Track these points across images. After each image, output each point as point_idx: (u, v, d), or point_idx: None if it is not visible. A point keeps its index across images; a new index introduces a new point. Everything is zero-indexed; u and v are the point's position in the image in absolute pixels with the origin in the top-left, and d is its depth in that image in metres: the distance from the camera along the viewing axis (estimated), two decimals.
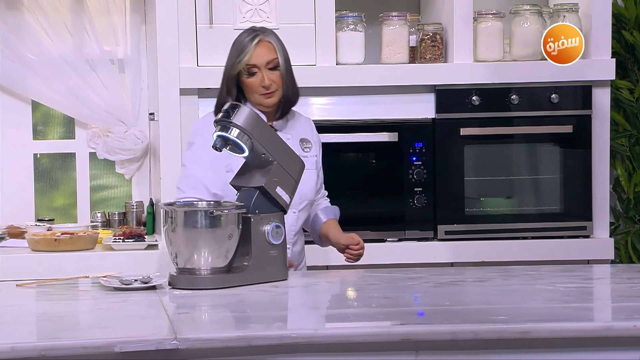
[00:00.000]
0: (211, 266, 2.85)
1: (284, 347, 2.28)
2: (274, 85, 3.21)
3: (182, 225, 2.85)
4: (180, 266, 2.87)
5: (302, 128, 3.35)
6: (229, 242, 2.86)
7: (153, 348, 2.21)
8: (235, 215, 2.87)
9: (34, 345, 2.18)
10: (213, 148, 3.01)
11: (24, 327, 2.43)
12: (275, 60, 3.22)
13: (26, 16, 4.17)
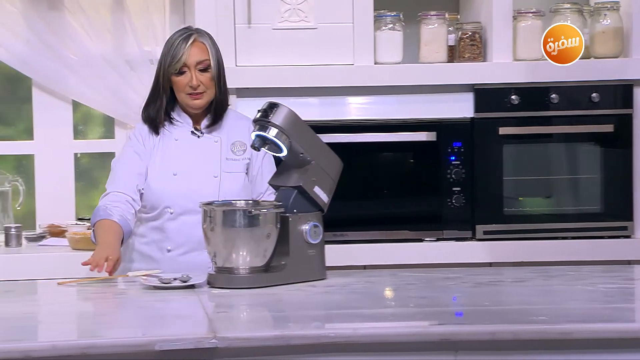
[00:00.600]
0: (249, 265, 2.86)
1: (322, 347, 2.28)
2: (202, 86, 3.21)
3: (220, 224, 2.86)
4: (218, 265, 2.88)
5: (238, 131, 3.30)
6: (267, 242, 2.86)
7: (192, 347, 2.21)
8: (273, 214, 2.87)
9: (75, 343, 2.19)
10: (252, 148, 3.02)
11: (64, 325, 2.45)
12: (206, 62, 3.22)
13: (67, 16, 4.20)
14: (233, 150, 3.27)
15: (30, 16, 4.13)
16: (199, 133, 3.26)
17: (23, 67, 4.19)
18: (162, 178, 3.21)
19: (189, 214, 3.17)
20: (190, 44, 3.20)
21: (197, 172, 3.22)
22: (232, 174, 3.23)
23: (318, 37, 3.89)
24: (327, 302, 2.72)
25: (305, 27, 3.93)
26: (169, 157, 3.23)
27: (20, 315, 2.55)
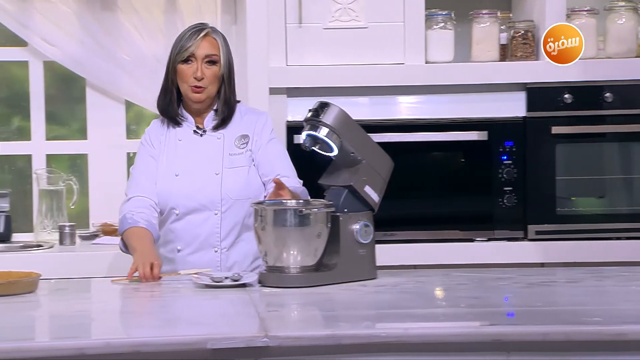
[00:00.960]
0: (300, 264, 2.87)
1: (373, 347, 2.28)
2: (205, 80, 3.19)
3: (271, 223, 2.87)
4: (269, 264, 2.89)
5: (244, 124, 3.27)
6: (317, 241, 2.87)
7: (244, 345, 2.22)
8: (324, 214, 2.87)
9: (128, 341, 2.22)
10: (302, 147, 3.02)
11: (118, 323, 2.47)
12: (214, 57, 3.20)
13: (120, 17, 4.24)
14: (236, 144, 3.24)
15: (84, 17, 4.18)
16: (200, 132, 3.24)
17: (77, 67, 4.24)
18: (165, 179, 3.21)
19: (193, 213, 3.18)
20: (202, 37, 3.19)
21: (198, 171, 3.21)
22: (235, 169, 3.21)
23: (369, 36, 3.88)
24: (377, 302, 2.72)
25: (356, 26, 3.93)
26: (173, 158, 3.23)
27: (75, 312, 2.58)
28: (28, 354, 2.16)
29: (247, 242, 3.21)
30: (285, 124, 3.97)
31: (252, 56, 3.94)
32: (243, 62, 4.13)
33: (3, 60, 4.32)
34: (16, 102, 4.38)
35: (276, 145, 3.30)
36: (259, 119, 3.31)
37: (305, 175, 3.84)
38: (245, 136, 3.25)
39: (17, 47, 4.30)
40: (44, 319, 2.52)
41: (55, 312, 2.62)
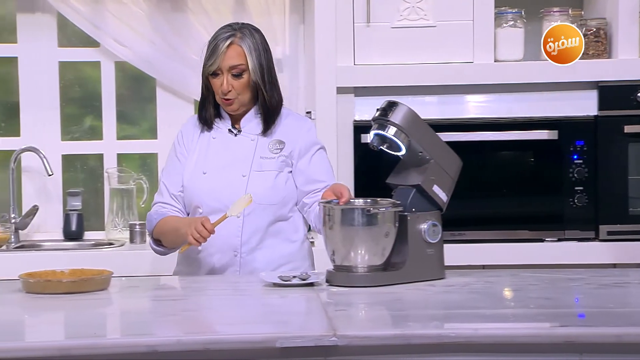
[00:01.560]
0: (368, 264, 2.86)
1: (443, 347, 2.26)
2: (232, 92, 3.11)
3: (339, 222, 2.87)
4: (337, 263, 2.89)
5: (283, 129, 3.19)
6: (385, 240, 2.86)
7: (312, 344, 2.22)
8: (392, 213, 2.86)
9: (198, 338, 2.23)
10: (370, 147, 3.02)
11: (188, 320, 2.49)
12: (240, 67, 3.10)
13: (190, 18, 4.28)
14: (270, 148, 3.17)
15: (154, 18, 4.23)
16: (235, 131, 3.18)
17: (147, 67, 4.29)
18: (192, 177, 3.16)
19: (217, 213, 3.06)
20: (226, 46, 3.09)
21: (226, 171, 3.14)
22: (263, 172, 3.13)
23: (437, 35, 3.86)
24: (446, 302, 2.70)
25: (424, 25, 3.91)
26: (204, 156, 3.18)
27: (146, 310, 2.62)
28: (100, 350, 2.19)
29: (271, 249, 3.15)
30: (353, 123, 3.97)
31: (320, 56, 3.95)
32: (311, 62, 4.14)
33: (76, 60, 4.40)
34: (88, 102, 4.45)
35: (323, 156, 3.24)
36: (302, 126, 3.22)
37: (373, 174, 3.85)
38: (281, 142, 3.17)
39: (89, 47, 4.38)
40: (116, 316, 2.56)
41: (127, 309, 2.65)
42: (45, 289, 2.73)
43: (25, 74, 4.35)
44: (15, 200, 4.23)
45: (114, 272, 2.86)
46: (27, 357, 2.18)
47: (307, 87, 4.31)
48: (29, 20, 4.33)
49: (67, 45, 4.38)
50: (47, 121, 4.37)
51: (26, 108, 4.36)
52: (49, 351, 2.19)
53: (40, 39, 4.33)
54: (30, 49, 4.33)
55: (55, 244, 4.22)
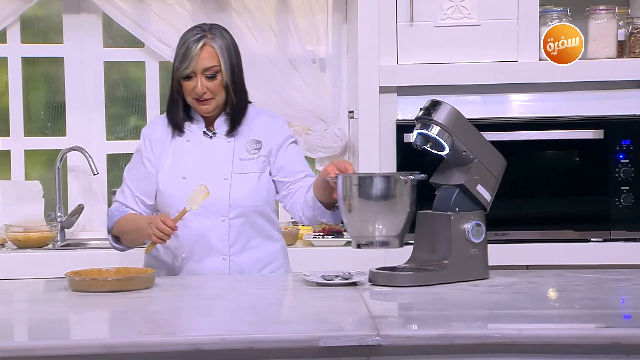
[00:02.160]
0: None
1: (487, 347, 2.25)
2: (208, 93, 3.05)
3: (356, 195, 2.84)
4: (366, 235, 2.87)
5: (257, 128, 3.15)
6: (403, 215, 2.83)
7: (356, 344, 2.22)
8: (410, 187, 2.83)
9: (242, 337, 2.24)
10: (413, 146, 3.01)
11: (232, 319, 2.50)
12: (214, 68, 3.04)
13: (234, 18, 4.30)
14: (247, 149, 3.13)
15: (198, 18, 4.25)
16: (210, 134, 3.13)
17: None
18: (171, 182, 3.09)
19: (199, 219, 3.04)
20: (199, 48, 3.03)
21: (206, 175, 3.07)
22: (245, 175, 3.10)
23: (481, 33, 3.85)
24: (490, 302, 2.68)
25: (468, 24, 3.90)
26: (180, 160, 3.11)
27: (189, 308, 2.63)
28: (145, 348, 2.20)
29: (257, 249, 3.13)
30: (395, 122, 3.97)
31: (363, 55, 3.95)
32: (354, 61, 4.14)
33: (121, 60, 4.44)
34: (133, 101, 4.49)
35: (295, 147, 3.21)
36: (274, 123, 3.20)
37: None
38: (257, 142, 3.14)
39: (134, 47, 4.42)
40: (160, 315, 2.57)
41: (171, 307, 2.67)
42: (90, 288, 2.76)
43: (71, 74, 4.40)
44: (61, 199, 4.28)
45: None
46: (73, 354, 2.20)
47: (350, 86, 4.32)
48: (74, 21, 4.38)
49: (112, 45, 4.43)
50: (93, 121, 4.41)
51: (72, 108, 4.40)
52: (94, 349, 2.21)
53: (86, 39, 4.38)
54: (76, 49, 4.38)
55: (100, 242, 4.26)
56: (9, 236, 4.03)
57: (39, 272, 3.71)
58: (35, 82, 4.45)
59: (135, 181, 3.15)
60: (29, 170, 4.41)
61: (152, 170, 3.12)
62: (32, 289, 3.05)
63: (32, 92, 4.45)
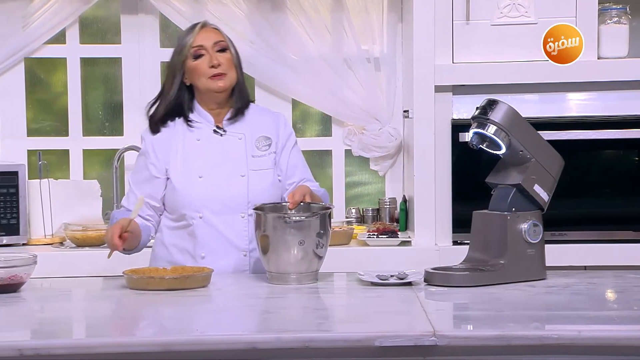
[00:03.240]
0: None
1: (544, 348, 2.23)
2: (223, 66, 3.04)
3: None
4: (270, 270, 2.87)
5: (262, 125, 3.15)
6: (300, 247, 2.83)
7: (411, 344, 2.21)
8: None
9: (298, 336, 2.24)
10: (469, 145, 2.99)
11: (288, 318, 2.51)
12: (222, 43, 3.06)
13: (289, 17, 4.32)
14: (258, 146, 3.11)
15: (254, 18, 4.27)
16: (221, 132, 3.11)
17: (247, 67, 4.31)
18: (187, 182, 3.06)
19: (218, 217, 3.04)
20: (200, 28, 3.06)
21: (223, 172, 3.06)
22: (260, 171, 3.09)
23: (539, 32, 3.79)
24: (547, 303, 2.66)
25: (525, 22, 3.86)
26: (192, 159, 3.08)
27: (245, 307, 2.64)
28: (200, 347, 2.22)
29: None
30: (450, 121, 3.94)
31: (418, 54, 3.93)
32: (409, 60, 4.13)
33: None
34: None
35: (298, 148, 3.21)
36: (279, 120, 3.19)
37: (471, 174, 3.82)
38: (267, 138, 3.13)
39: None
40: (216, 313, 2.58)
41: (226, 306, 2.68)
42: (147, 286, 2.78)
43: (129, 74, 4.44)
44: (118, 198, 4.32)
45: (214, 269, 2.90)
46: (130, 352, 2.22)
47: (405, 85, 4.30)
48: (132, 22, 4.42)
49: (168, 45, 4.46)
50: None
51: (129, 108, 4.45)
52: (151, 347, 2.23)
53: (143, 39, 4.43)
54: (133, 49, 4.43)
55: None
56: (68, 235, 4.09)
57: (97, 270, 3.76)
58: (93, 82, 4.51)
59: (139, 185, 3.12)
60: (87, 170, 4.46)
61: (156, 174, 3.10)
62: (90, 287, 3.09)
63: (90, 92, 4.51)
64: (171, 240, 3.12)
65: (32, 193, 4.14)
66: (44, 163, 4.18)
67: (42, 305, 2.72)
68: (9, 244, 4.04)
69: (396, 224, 4.28)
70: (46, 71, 4.48)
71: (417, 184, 3.97)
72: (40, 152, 4.23)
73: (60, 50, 4.41)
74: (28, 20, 4.29)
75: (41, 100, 4.49)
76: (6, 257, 2.81)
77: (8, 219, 4.03)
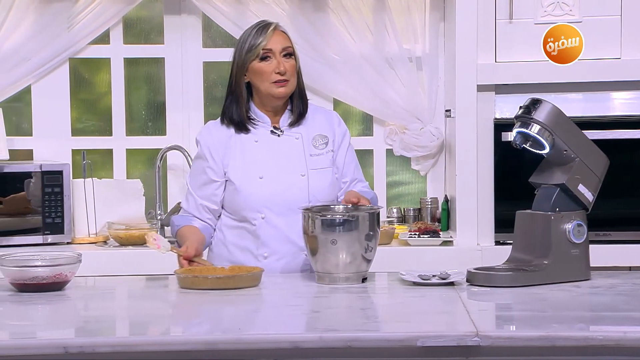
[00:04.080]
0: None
1: (589, 349, 2.21)
2: (288, 73, 3.03)
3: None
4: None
5: (317, 124, 3.14)
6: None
7: (454, 344, 2.21)
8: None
9: (340, 336, 2.24)
10: (513, 145, 2.97)
11: (330, 317, 2.51)
12: (290, 49, 3.05)
13: (331, 17, 4.32)
14: (315, 145, 3.11)
15: (296, 17, 4.28)
16: (278, 132, 3.11)
17: None
18: (248, 183, 3.06)
19: (280, 217, 3.04)
20: (272, 30, 3.05)
21: (283, 172, 3.06)
22: (319, 170, 3.09)
23: (583, 30, 3.76)
24: (592, 304, 2.63)
25: (569, 20, 3.82)
26: (251, 160, 3.08)
27: (290, 306, 2.65)
28: (243, 345, 2.23)
29: None
30: (493, 121, 3.92)
31: (461, 53, 3.92)
32: (451, 60, 4.11)
33: (219, 60, 4.49)
34: None
35: (352, 147, 3.21)
36: (333, 118, 3.19)
37: (513, 173, 3.79)
38: (324, 136, 3.13)
39: (232, 47, 4.43)
40: (260, 312, 2.59)
41: (272, 305, 2.69)
42: (192, 285, 2.79)
43: (172, 75, 4.47)
44: (161, 198, 4.35)
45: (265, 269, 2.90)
46: (173, 350, 2.24)
47: (447, 85, 4.28)
48: (175, 22, 4.45)
49: (211, 45, 4.49)
50: (192, 120, 4.48)
51: (172, 107, 4.48)
52: (194, 345, 2.24)
53: (186, 40, 4.45)
54: (176, 49, 4.46)
55: None
56: (111, 233, 4.12)
57: (140, 269, 3.79)
58: (136, 82, 4.54)
59: (198, 189, 3.12)
60: (130, 169, 4.50)
61: (214, 178, 3.10)
62: (133, 286, 3.11)
63: (133, 92, 4.54)
64: (232, 240, 3.12)
65: (76, 192, 4.18)
66: (88, 162, 4.22)
67: (86, 303, 2.74)
68: (54, 242, 4.08)
69: (438, 224, 4.27)
70: (90, 71, 4.52)
71: (459, 183, 3.96)
72: (84, 152, 4.27)
73: (104, 51, 4.45)
74: (73, 20, 4.33)
75: (85, 100, 4.53)
76: (52, 256, 2.85)
77: (53, 218, 4.08)
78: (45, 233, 4.08)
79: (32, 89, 4.40)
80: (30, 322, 2.51)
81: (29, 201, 4.08)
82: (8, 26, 4.27)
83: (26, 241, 4.04)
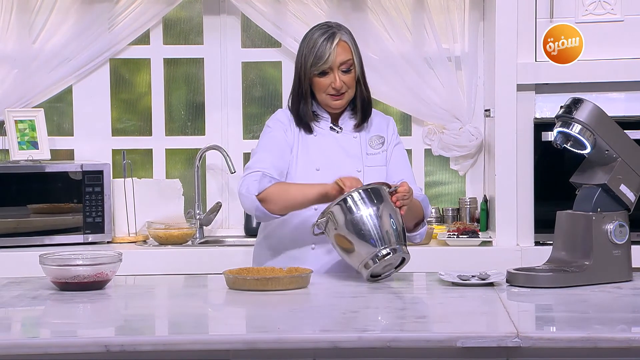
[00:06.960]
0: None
1: (632, 351, 2.19)
2: (344, 87, 3.06)
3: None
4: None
5: (375, 125, 3.17)
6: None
7: (494, 345, 2.20)
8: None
9: (379, 336, 2.24)
10: (553, 145, 2.95)
11: (369, 317, 2.51)
12: (349, 62, 3.06)
13: (370, 17, 4.31)
14: (371, 144, 3.14)
15: (335, 17, 4.27)
16: (337, 129, 3.15)
17: None
18: (305, 174, 3.09)
19: None
20: (336, 44, 3.05)
21: (340, 167, 3.08)
22: (375, 167, 3.12)
23: (625, 29, 3.74)
24: (634, 305, 2.61)
25: (611, 19, 3.79)
26: (310, 152, 3.11)
27: (330, 306, 2.65)
28: (282, 345, 2.23)
29: None
30: (533, 120, 3.90)
31: (500, 52, 3.90)
32: (490, 59, 4.09)
33: (258, 60, 4.51)
34: (269, 101, 4.55)
35: (402, 150, 3.22)
36: (389, 122, 3.23)
37: (554, 173, 3.76)
38: (380, 137, 3.16)
39: (271, 48, 4.48)
40: (300, 312, 2.59)
41: (311, 305, 2.69)
42: (234, 285, 2.79)
43: (211, 75, 4.49)
44: (200, 197, 4.38)
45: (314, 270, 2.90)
46: (213, 349, 2.25)
47: (486, 84, 4.26)
48: (214, 22, 4.47)
49: (250, 46, 4.50)
50: (231, 120, 4.50)
51: (211, 107, 4.50)
52: (233, 344, 2.25)
53: (225, 40, 4.47)
54: (215, 50, 4.48)
55: (236, 239, 4.34)
56: (151, 233, 4.15)
57: (179, 268, 3.81)
58: (176, 83, 4.57)
59: (273, 154, 3.09)
60: (169, 169, 4.52)
61: (287, 146, 3.11)
62: (173, 285, 3.13)
63: (173, 92, 4.57)
64: (284, 229, 3.12)
65: (116, 192, 4.21)
66: (128, 162, 4.25)
67: (127, 302, 2.76)
68: (94, 241, 4.12)
69: (477, 224, 4.25)
70: (130, 72, 4.55)
71: (498, 183, 3.94)
72: (124, 152, 4.30)
73: (144, 51, 4.48)
74: (113, 21, 4.37)
75: (125, 100, 4.57)
76: (92, 255, 2.87)
77: (93, 217, 4.11)
78: (85, 232, 4.11)
79: (74, 90, 4.45)
80: (72, 320, 2.53)
81: (70, 201, 4.12)
82: (50, 27, 4.32)
83: (67, 240, 4.08)
